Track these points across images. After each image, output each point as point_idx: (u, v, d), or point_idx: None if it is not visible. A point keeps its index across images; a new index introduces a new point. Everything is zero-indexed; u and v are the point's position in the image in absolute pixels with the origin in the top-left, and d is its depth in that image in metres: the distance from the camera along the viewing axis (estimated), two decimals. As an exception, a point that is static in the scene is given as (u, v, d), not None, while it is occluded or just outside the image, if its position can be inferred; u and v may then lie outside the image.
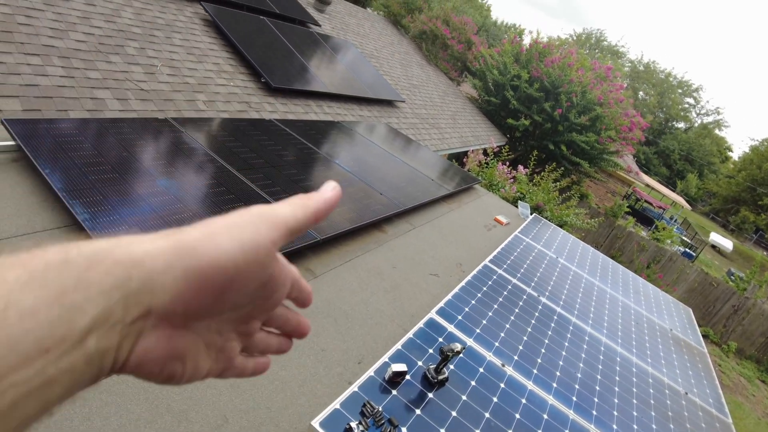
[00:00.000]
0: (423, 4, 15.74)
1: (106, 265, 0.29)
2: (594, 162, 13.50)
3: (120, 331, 0.30)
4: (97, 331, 0.28)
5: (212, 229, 0.34)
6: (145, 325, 0.31)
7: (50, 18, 4.13)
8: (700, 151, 44.20)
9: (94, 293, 0.28)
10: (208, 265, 0.32)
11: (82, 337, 0.27)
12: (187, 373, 0.36)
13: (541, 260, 4.03)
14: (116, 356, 0.30)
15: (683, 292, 12.05)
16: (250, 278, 0.35)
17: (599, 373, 2.72)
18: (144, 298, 0.30)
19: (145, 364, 0.33)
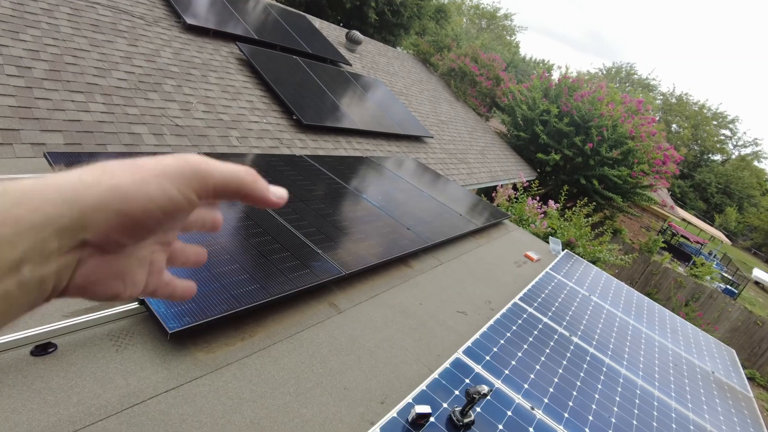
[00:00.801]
0: (451, 42, 16.04)
1: (35, 203, 0.31)
2: (627, 196, 13.22)
3: (56, 261, 0.32)
4: (30, 261, 0.30)
5: (144, 174, 0.36)
6: (82, 254, 0.35)
7: (95, 58, 4.37)
8: (738, 183, 42.84)
9: (24, 228, 0.30)
10: (137, 210, 0.35)
11: (14, 267, 0.30)
12: (128, 289, 0.40)
13: (573, 298, 3.92)
14: (56, 282, 0.33)
15: (725, 331, 11.49)
16: (175, 221, 0.39)
17: (635, 418, 2.58)
18: (77, 233, 0.33)
19: (88, 287, 0.36)
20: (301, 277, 2.54)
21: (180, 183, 0.37)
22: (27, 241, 0.30)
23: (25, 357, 1.61)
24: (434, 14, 21.54)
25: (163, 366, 1.79)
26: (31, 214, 0.30)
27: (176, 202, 0.37)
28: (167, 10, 6.14)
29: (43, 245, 0.31)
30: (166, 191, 0.36)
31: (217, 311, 2.02)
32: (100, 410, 1.53)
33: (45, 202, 0.31)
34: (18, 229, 0.30)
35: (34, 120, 3.40)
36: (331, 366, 2.17)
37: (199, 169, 0.39)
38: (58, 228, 0.32)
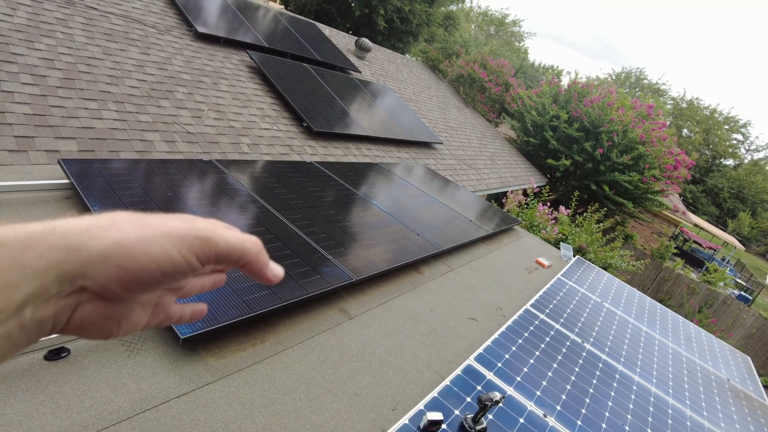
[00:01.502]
0: (460, 49, 16.06)
1: (40, 249, 0.33)
2: (638, 202, 13.11)
3: (56, 304, 0.34)
4: (33, 304, 0.32)
5: (149, 234, 0.37)
6: (80, 299, 0.36)
7: (108, 66, 4.42)
8: (751, 188, 42.30)
9: (29, 273, 0.32)
10: (138, 268, 0.36)
11: (18, 309, 0.31)
12: (123, 329, 0.41)
13: (585, 304, 3.88)
14: (55, 322, 0.35)
15: (740, 338, 11.31)
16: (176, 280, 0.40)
17: (649, 426, 2.54)
18: (78, 279, 0.34)
19: (83, 328, 0.38)
20: (312, 283, 2.54)
21: (183, 246, 0.39)
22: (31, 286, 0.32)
23: (38, 361, 1.62)
24: (443, 21, 21.60)
25: (174, 371, 1.79)
26: (37, 261, 0.32)
27: (176, 265, 0.38)
28: (179, 18, 6.21)
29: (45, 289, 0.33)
30: (168, 253, 0.37)
31: (228, 317, 2.02)
32: (113, 415, 1.53)
33: (50, 249, 0.33)
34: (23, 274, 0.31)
35: (48, 127, 3.44)
36: (341, 372, 2.17)
37: (203, 235, 0.40)
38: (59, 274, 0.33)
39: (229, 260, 0.42)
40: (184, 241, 0.39)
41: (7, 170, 2.95)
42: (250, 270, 0.45)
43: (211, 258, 0.41)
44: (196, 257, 0.39)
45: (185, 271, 0.39)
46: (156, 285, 0.39)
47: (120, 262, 0.35)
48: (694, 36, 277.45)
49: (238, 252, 0.42)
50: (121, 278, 0.36)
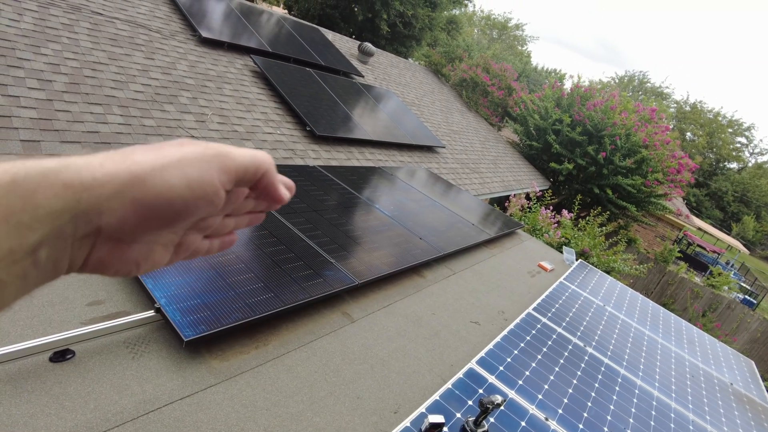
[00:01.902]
0: (463, 53, 16.10)
1: (55, 188, 0.31)
2: (641, 206, 13.08)
3: (72, 244, 0.33)
4: (47, 245, 0.31)
5: (164, 161, 0.35)
6: (97, 239, 0.34)
7: (113, 71, 4.46)
8: (756, 191, 42.15)
9: (43, 214, 0.30)
10: (154, 198, 0.34)
11: (32, 250, 0.30)
12: (144, 268, 0.39)
13: (588, 308, 3.88)
14: (71, 262, 0.34)
15: (744, 342, 11.26)
16: (196, 210, 0.37)
17: (652, 430, 2.54)
18: (93, 219, 0.33)
19: (100, 268, 0.36)
20: (315, 286, 2.56)
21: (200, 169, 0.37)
22: (45, 227, 0.31)
23: (43, 363, 1.63)
24: (445, 26, 21.66)
25: (178, 373, 1.81)
26: (51, 201, 0.31)
27: (195, 190, 0.36)
28: (183, 24, 6.26)
29: (60, 230, 0.31)
30: (186, 178, 0.36)
31: (231, 320, 2.04)
32: (117, 416, 1.55)
33: (64, 188, 0.31)
34: (37, 215, 0.30)
35: (54, 132, 3.48)
36: (344, 375, 2.18)
37: (219, 153, 0.38)
38: (75, 214, 0.32)
39: (247, 176, 0.40)
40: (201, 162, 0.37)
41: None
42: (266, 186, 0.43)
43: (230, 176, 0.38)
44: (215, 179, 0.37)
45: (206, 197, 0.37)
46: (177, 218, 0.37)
47: (136, 195, 0.34)
48: (698, 39, 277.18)
49: (254, 165, 0.40)
50: (138, 214, 0.34)
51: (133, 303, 2.07)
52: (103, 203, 0.33)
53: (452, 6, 20.20)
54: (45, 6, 4.65)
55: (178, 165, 0.36)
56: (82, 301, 1.96)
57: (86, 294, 2.01)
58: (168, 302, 1.99)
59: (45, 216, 0.30)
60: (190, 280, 2.19)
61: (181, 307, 1.99)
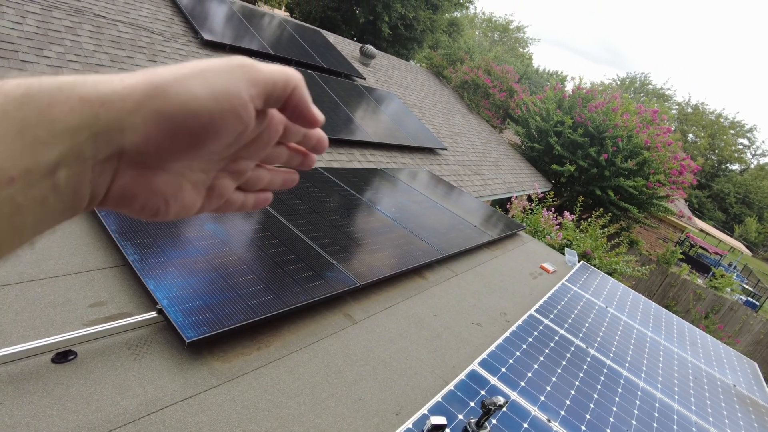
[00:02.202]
0: (464, 55, 16.11)
1: (71, 102, 0.29)
2: (643, 207, 13.06)
3: (92, 168, 0.30)
4: (67, 166, 0.29)
5: (186, 71, 0.33)
6: (120, 163, 0.32)
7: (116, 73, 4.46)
8: (758, 193, 42.06)
9: (60, 129, 0.28)
10: (178, 109, 0.32)
11: (50, 170, 0.28)
12: (173, 209, 0.37)
13: (590, 310, 3.87)
14: (93, 191, 0.31)
15: (747, 344, 11.22)
16: (225, 127, 0.34)
17: (656, 434, 2.53)
18: (114, 137, 0.30)
19: (125, 200, 0.34)
20: (317, 288, 2.55)
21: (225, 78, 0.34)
22: (62, 144, 0.28)
23: (46, 364, 1.64)
24: (447, 28, 21.70)
25: (180, 375, 1.81)
26: (67, 115, 0.28)
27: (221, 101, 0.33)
28: (185, 26, 6.27)
29: (79, 149, 0.29)
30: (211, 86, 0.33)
31: (233, 321, 2.04)
32: (119, 417, 1.55)
33: (82, 102, 0.29)
34: (53, 129, 0.28)
35: (56, 134, 3.48)
36: (346, 376, 2.17)
37: (246, 63, 0.35)
38: (94, 132, 0.29)
39: (276, 92, 0.36)
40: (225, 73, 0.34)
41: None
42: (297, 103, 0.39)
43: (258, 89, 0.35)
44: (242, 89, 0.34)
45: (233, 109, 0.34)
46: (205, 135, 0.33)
47: (158, 106, 0.31)
48: (699, 40, 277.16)
49: (284, 78, 0.37)
50: (161, 128, 0.31)
51: (135, 304, 2.07)
52: (125, 119, 0.30)
53: (453, 8, 20.24)
54: (48, 9, 4.66)
55: (201, 75, 0.33)
56: (84, 303, 1.96)
57: (88, 295, 2.01)
58: (170, 303, 1.99)
59: (62, 132, 0.28)
60: (192, 282, 2.19)
61: (183, 308, 1.99)
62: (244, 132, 0.36)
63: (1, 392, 1.49)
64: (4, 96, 0.27)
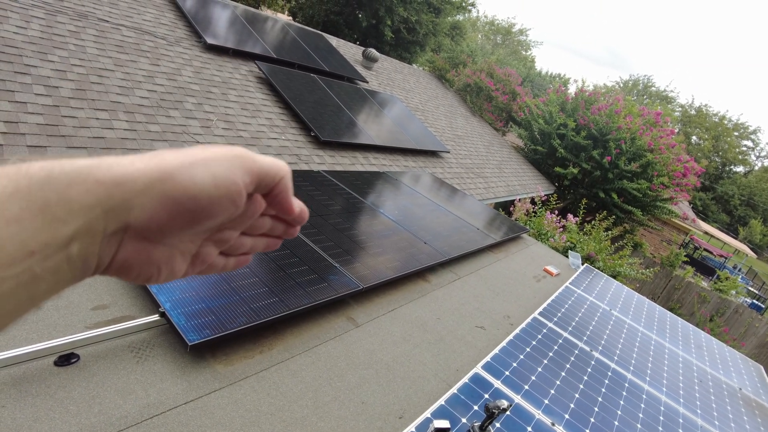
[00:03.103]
0: (467, 58, 16.12)
1: (87, 184, 0.32)
2: (647, 210, 13.02)
3: (101, 241, 0.34)
4: (80, 239, 0.32)
5: (192, 159, 0.37)
6: (124, 237, 0.35)
7: (119, 77, 4.49)
8: (763, 195, 41.86)
9: (76, 208, 0.31)
10: (183, 193, 0.36)
11: (65, 244, 0.31)
12: (164, 275, 0.40)
13: (594, 313, 3.85)
14: (99, 261, 0.35)
15: (753, 347, 11.15)
16: (220, 209, 0.38)
17: (661, 438, 2.51)
18: (123, 215, 0.34)
19: (124, 269, 0.37)
20: (319, 291, 2.55)
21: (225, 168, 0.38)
22: (78, 221, 0.32)
23: (48, 367, 1.63)
24: (449, 31, 21.72)
25: (182, 378, 1.81)
26: (83, 196, 0.32)
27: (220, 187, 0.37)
28: (188, 30, 6.30)
29: (91, 225, 0.32)
30: (212, 175, 0.37)
31: (236, 324, 2.03)
32: (121, 420, 1.55)
33: (97, 184, 0.33)
34: (71, 209, 0.31)
35: (60, 137, 3.50)
36: (348, 380, 2.17)
37: (243, 154, 0.40)
38: (106, 209, 0.33)
39: (266, 180, 0.41)
40: (226, 161, 0.38)
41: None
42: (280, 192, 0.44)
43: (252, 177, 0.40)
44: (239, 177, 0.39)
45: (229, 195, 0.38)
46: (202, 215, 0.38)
47: (164, 190, 0.35)
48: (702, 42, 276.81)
49: (274, 169, 0.42)
50: (166, 208, 0.35)
51: (137, 307, 2.07)
52: (134, 199, 0.34)
53: (456, 11, 20.27)
54: (52, 13, 4.69)
55: (204, 163, 0.37)
56: (87, 305, 1.96)
57: (91, 298, 2.01)
58: (172, 306, 1.99)
59: (78, 210, 0.32)
60: (195, 285, 2.19)
61: (185, 311, 1.99)
62: (235, 213, 0.41)
63: (4, 395, 1.49)
64: (29, 178, 0.30)
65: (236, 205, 0.39)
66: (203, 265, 0.45)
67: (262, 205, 0.44)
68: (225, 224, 0.42)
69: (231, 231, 0.44)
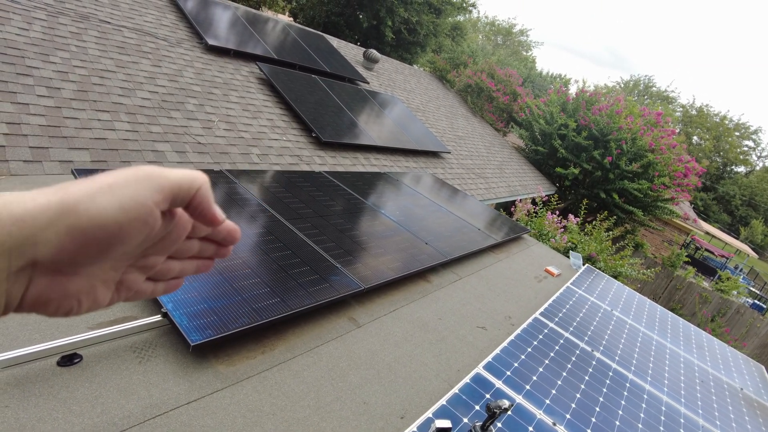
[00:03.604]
0: (468, 59, 16.13)
1: None
2: (648, 210, 13.01)
3: (7, 279, 0.33)
4: None
5: (95, 187, 0.36)
6: (33, 273, 0.34)
7: (121, 78, 4.50)
8: (764, 195, 41.79)
9: None
10: (88, 223, 0.34)
11: None
12: (85, 306, 0.39)
13: (595, 313, 3.85)
14: (8, 300, 0.34)
15: (754, 347, 11.13)
16: (132, 233, 0.37)
17: (663, 438, 2.51)
18: (27, 251, 0.33)
19: (39, 304, 0.36)
20: (321, 291, 2.55)
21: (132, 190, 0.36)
22: None
23: (51, 367, 1.64)
24: (450, 32, 21.73)
25: (184, 378, 1.81)
26: None
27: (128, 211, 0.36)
28: (189, 31, 6.31)
29: None
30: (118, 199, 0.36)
31: (238, 324, 2.04)
32: (124, 420, 1.55)
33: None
34: None
35: (62, 138, 3.51)
36: (350, 380, 2.17)
37: (151, 173, 0.38)
38: (6, 249, 0.32)
39: (181, 194, 0.39)
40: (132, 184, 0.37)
41: (21, 180, 3.01)
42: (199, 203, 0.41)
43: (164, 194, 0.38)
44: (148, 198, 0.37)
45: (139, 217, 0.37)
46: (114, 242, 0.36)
47: (70, 223, 0.34)
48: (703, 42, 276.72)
49: (188, 181, 0.40)
50: (73, 241, 0.34)
51: (139, 308, 2.08)
52: (38, 234, 0.33)
53: (456, 12, 20.28)
54: (54, 15, 4.70)
55: (109, 190, 0.36)
56: (89, 306, 1.97)
57: (94, 299, 2.02)
58: (174, 307, 1.99)
59: None
60: (197, 285, 2.20)
61: (187, 311, 2.00)
62: (150, 234, 0.39)
63: (7, 395, 1.49)
64: None
65: (149, 225, 0.38)
66: (129, 291, 0.43)
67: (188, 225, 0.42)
68: (148, 249, 0.41)
69: (155, 256, 0.43)
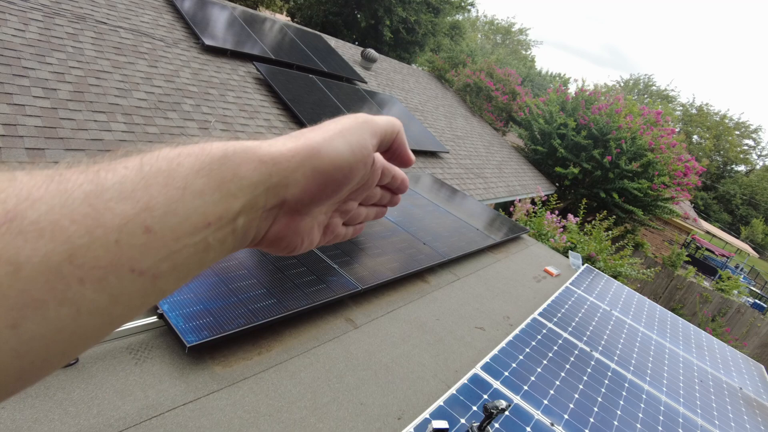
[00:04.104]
0: (466, 58, 16.11)
1: (254, 163, 0.36)
2: (648, 209, 13.00)
3: (260, 215, 0.38)
4: (245, 213, 0.36)
5: (330, 133, 0.41)
6: (279, 211, 0.40)
7: (117, 79, 4.49)
8: (764, 194, 41.76)
9: (245, 185, 0.35)
10: (329, 164, 0.40)
11: (234, 217, 0.35)
12: (305, 245, 0.45)
13: (594, 313, 3.85)
14: (256, 234, 0.39)
15: (755, 347, 11.13)
16: (356, 174, 0.43)
17: (661, 438, 2.50)
18: (280, 191, 0.38)
19: (276, 241, 0.42)
20: (318, 292, 2.55)
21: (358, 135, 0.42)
22: (246, 197, 0.35)
23: (46, 370, 1.63)
24: (449, 31, 21.71)
25: (181, 379, 1.80)
26: (251, 173, 0.35)
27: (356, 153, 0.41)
28: (186, 32, 6.30)
29: (255, 201, 0.36)
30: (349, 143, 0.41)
31: (234, 326, 2.03)
32: (120, 422, 1.54)
33: (261, 163, 0.36)
34: (241, 185, 0.35)
35: (58, 139, 3.50)
36: (347, 381, 2.16)
37: (367, 119, 0.44)
38: (268, 187, 0.37)
39: (387, 137, 0.46)
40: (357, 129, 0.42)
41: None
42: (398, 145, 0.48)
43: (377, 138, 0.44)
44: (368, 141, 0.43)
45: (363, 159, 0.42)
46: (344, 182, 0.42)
47: (314, 165, 0.39)
48: (703, 41, 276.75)
49: (391, 126, 0.46)
50: (316, 182, 0.39)
51: (136, 309, 2.07)
52: (290, 176, 0.38)
53: (455, 11, 20.27)
54: (50, 16, 4.69)
55: (341, 134, 0.41)
56: (85, 308, 1.96)
57: (89, 300, 2.01)
58: (171, 308, 1.99)
59: (246, 187, 0.35)
60: (193, 286, 2.19)
61: (183, 312, 1.99)
62: (365, 175, 0.46)
63: (2, 398, 1.48)
64: (210, 157, 0.34)
65: (367, 166, 0.44)
66: (332, 234, 0.50)
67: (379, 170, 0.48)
68: (352, 194, 0.48)
69: (353, 201, 0.50)
